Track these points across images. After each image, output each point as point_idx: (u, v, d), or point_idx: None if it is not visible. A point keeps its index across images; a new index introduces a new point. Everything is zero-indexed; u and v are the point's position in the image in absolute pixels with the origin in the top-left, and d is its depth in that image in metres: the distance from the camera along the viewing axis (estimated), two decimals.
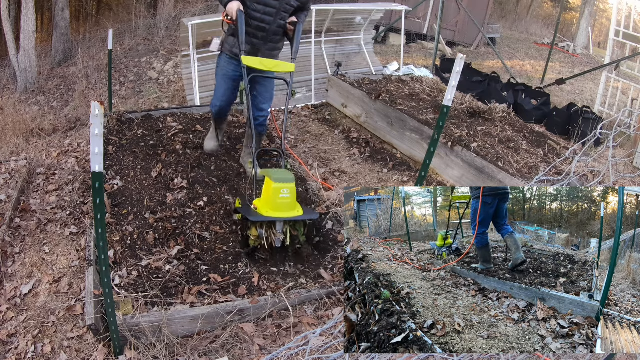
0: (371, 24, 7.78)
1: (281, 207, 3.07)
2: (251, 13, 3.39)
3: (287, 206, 3.09)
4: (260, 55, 3.58)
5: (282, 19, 3.49)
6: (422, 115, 4.86)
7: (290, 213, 3.09)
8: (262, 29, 3.48)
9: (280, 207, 3.07)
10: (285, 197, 3.07)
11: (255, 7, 3.39)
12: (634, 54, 7.92)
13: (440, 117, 2.77)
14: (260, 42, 3.54)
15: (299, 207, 3.18)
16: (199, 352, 2.54)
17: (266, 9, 3.42)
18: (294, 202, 3.14)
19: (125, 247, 3.22)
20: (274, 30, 3.52)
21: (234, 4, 3.26)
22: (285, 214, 3.07)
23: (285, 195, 3.07)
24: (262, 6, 3.41)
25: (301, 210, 3.15)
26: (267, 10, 3.42)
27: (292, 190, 3.09)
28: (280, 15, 3.46)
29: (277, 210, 3.06)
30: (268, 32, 3.51)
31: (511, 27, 15.34)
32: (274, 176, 3.10)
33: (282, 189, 3.06)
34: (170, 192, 3.82)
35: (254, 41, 3.51)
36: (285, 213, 3.07)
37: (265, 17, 3.44)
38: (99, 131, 1.89)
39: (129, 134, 4.70)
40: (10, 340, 2.75)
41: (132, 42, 9.37)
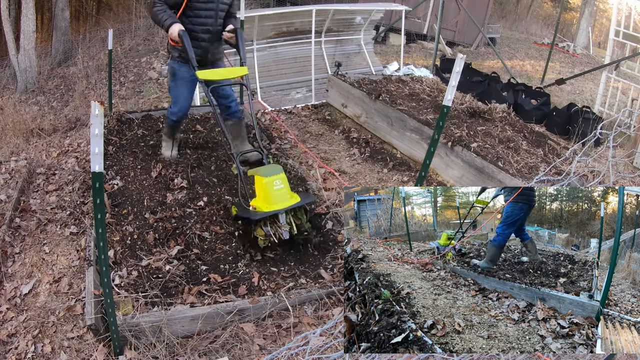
0: (371, 24, 7.79)
1: (278, 198, 3.13)
2: (194, 19, 3.61)
3: (284, 196, 3.15)
4: (209, 55, 3.82)
5: (220, 17, 3.73)
6: (422, 115, 4.86)
7: (289, 202, 3.16)
8: (207, 31, 3.70)
9: (277, 199, 3.12)
10: (279, 189, 3.13)
11: (197, 12, 3.60)
12: (634, 54, 7.92)
13: (440, 117, 2.77)
14: (207, 43, 3.76)
15: (295, 195, 3.24)
16: (199, 352, 2.54)
17: (207, 12, 3.65)
18: (289, 191, 3.20)
19: (125, 247, 3.22)
20: (217, 29, 3.75)
21: (175, 27, 3.43)
22: (284, 204, 3.13)
23: (279, 187, 3.14)
24: (204, 11, 3.63)
25: (298, 198, 3.21)
26: (208, 13, 3.65)
27: (283, 180, 3.16)
28: (219, 14, 3.70)
29: (276, 203, 3.11)
30: (212, 32, 3.73)
31: (511, 27, 15.34)
32: (262, 172, 3.18)
33: (274, 181, 3.13)
34: (170, 192, 3.82)
35: (202, 44, 3.73)
36: (284, 203, 3.13)
37: (207, 20, 3.67)
38: (99, 131, 1.89)
39: (129, 134, 4.70)
40: (10, 340, 2.75)
41: (132, 42, 9.37)
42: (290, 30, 6.82)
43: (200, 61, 3.69)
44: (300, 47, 7.01)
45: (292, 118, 5.80)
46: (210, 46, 3.78)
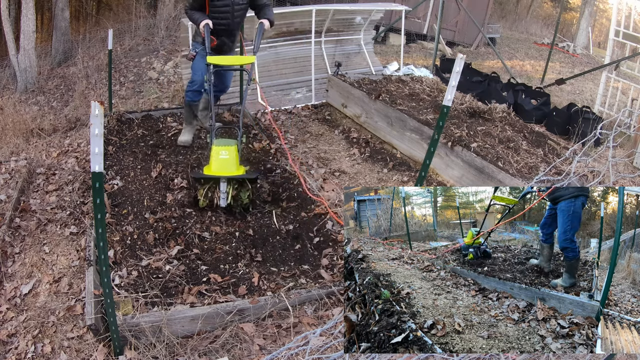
0: (371, 24, 7.78)
1: (220, 166, 3.36)
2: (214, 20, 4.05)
3: (227, 165, 3.36)
4: (225, 47, 4.28)
5: (237, 17, 4.18)
6: (422, 115, 4.85)
7: (229, 172, 3.36)
8: (223, 30, 4.15)
9: (219, 166, 3.36)
10: (224, 158, 3.36)
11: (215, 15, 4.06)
12: (634, 54, 7.92)
13: (440, 117, 2.77)
14: (224, 38, 4.21)
15: (241, 168, 3.44)
16: (199, 352, 2.54)
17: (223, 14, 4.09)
18: (234, 164, 3.41)
19: (125, 247, 3.22)
20: (234, 25, 4.21)
21: (202, 22, 3.97)
22: (223, 172, 3.36)
23: (224, 156, 3.36)
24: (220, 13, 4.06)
25: (243, 171, 3.43)
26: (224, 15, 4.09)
27: (231, 152, 3.38)
28: (235, 14, 4.13)
29: (216, 169, 3.36)
30: (228, 30, 4.19)
31: (511, 27, 15.34)
32: (217, 142, 3.47)
33: (221, 151, 3.37)
34: (170, 192, 3.82)
35: (220, 39, 4.16)
36: (222, 171, 3.36)
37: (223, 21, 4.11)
38: (99, 131, 1.89)
39: (129, 134, 4.71)
40: (10, 340, 2.75)
41: (132, 42, 9.37)
42: (290, 30, 6.81)
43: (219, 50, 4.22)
44: (300, 47, 7.00)
45: (292, 118, 5.80)
46: (227, 39, 4.25)
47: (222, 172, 3.37)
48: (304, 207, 3.73)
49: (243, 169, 3.49)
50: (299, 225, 3.56)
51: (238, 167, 3.45)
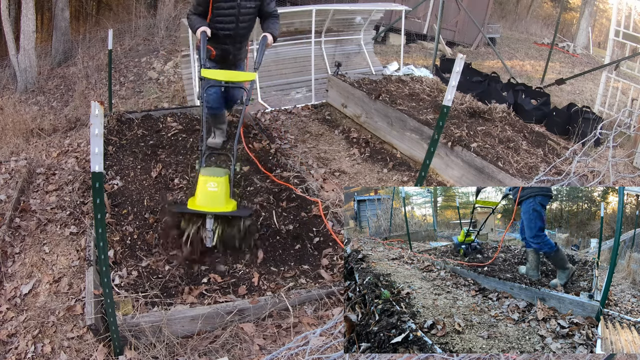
0: (371, 24, 7.79)
1: (207, 200, 2.87)
2: (217, 25, 3.78)
3: (215, 199, 2.88)
4: (231, 56, 3.99)
5: (243, 22, 3.86)
6: (422, 115, 4.86)
7: (216, 207, 2.88)
8: (228, 35, 3.87)
9: (205, 200, 2.87)
10: (213, 190, 2.89)
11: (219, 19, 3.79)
12: (634, 54, 7.92)
13: (440, 117, 2.77)
14: (228, 46, 3.94)
15: (233, 204, 2.98)
16: (199, 352, 2.54)
17: (228, 18, 3.79)
18: (223, 197, 2.93)
19: (125, 247, 3.22)
20: (240, 33, 3.91)
21: (199, 30, 3.69)
22: (209, 207, 2.86)
23: (213, 189, 2.89)
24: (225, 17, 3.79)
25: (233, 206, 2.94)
26: (229, 20, 3.80)
27: (221, 184, 2.91)
28: (240, 19, 3.83)
29: (202, 203, 2.87)
30: (233, 36, 3.89)
31: (511, 27, 15.34)
32: (205, 171, 2.98)
33: (209, 182, 2.90)
34: (170, 192, 3.82)
35: (223, 47, 3.91)
36: (209, 207, 2.86)
37: (228, 25, 3.82)
38: (99, 131, 1.89)
39: (129, 134, 4.71)
40: (10, 340, 2.75)
41: (132, 42, 9.37)
42: (290, 30, 6.82)
43: (222, 60, 3.98)
44: (300, 47, 7.01)
45: (292, 118, 5.80)
46: (232, 48, 3.95)
47: (206, 208, 2.87)
48: (304, 207, 3.73)
49: (234, 203, 3.02)
50: (299, 225, 3.56)
51: (228, 202, 2.98)
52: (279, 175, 4.17)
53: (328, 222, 3.55)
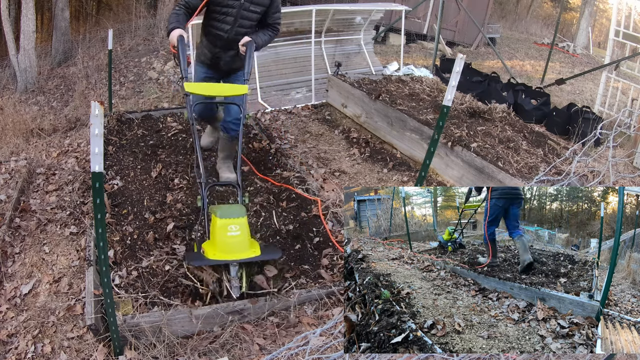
0: (371, 24, 7.79)
1: (230, 247, 2.60)
2: (213, 22, 3.39)
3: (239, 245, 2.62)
4: (222, 63, 3.56)
5: (242, 26, 3.40)
6: (422, 115, 4.86)
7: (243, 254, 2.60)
8: (220, 37, 3.44)
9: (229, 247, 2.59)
10: (234, 235, 2.61)
11: (215, 16, 3.38)
12: (634, 54, 7.92)
13: (440, 117, 2.77)
14: (219, 50, 3.51)
15: (256, 245, 2.69)
16: (199, 352, 2.54)
17: (224, 16, 3.37)
18: (246, 240, 2.67)
19: (125, 247, 3.22)
20: (233, 38, 3.43)
21: (174, 33, 3.20)
22: (236, 255, 2.59)
23: (234, 233, 2.61)
24: (220, 15, 3.36)
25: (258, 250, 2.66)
26: (224, 19, 3.37)
27: (243, 226, 2.65)
28: (239, 22, 3.38)
29: (225, 251, 2.58)
30: (227, 40, 3.44)
31: (511, 27, 15.34)
32: (220, 211, 2.67)
33: (229, 225, 2.61)
34: (170, 192, 3.82)
35: (214, 50, 3.51)
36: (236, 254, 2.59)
37: (223, 26, 3.40)
38: (99, 131, 1.89)
39: (129, 134, 4.71)
40: (10, 340, 2.75)
41: (132, 42, 9.37)
42: (290, 30, 6.82)
43: (213, 67, 3.60)
44: (300, 47, 7.01)
45: (292, 118, 5.80)
46: (224, 54, 3.51)
47: (232, 255, 2.58)
48: (304, 207, 3.73)
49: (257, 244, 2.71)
50: (299, 225, 3.56)
51: (253, 243, 2.70)
52: (279, 175, 4.17)
53: (327, 222, 3.55)
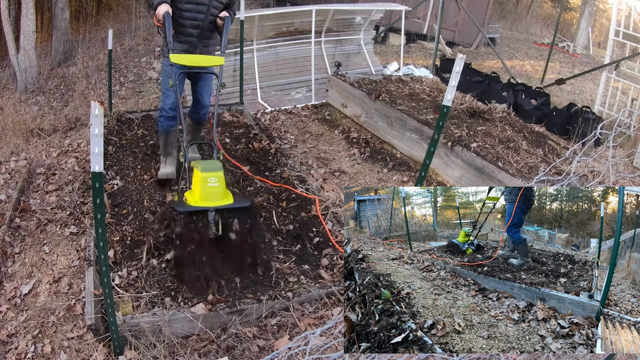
0: (371, 24, 7.79)
1: (210, 196, 3.01)
2: (184, 13, 3.54)
3: (216, 195, 3.03)
4: (197, 51, 3.73)
5: (212, 15, 3.63)
6: (422, 115, 4.86)
7: (220, 202, 3.03)
8: (195, 27, 3.62)
9: (208, 196, 3.01)
10: (213, 186, 3.01)
11: (188, 7, 3.54)
12: (634, 54, 7.92)
13: (440, 117, 2.77)
14: (195, 39, 3.68)
15: (229, 195, 3.11)
16: (199, 352, 2.54)
17: (198, 6, 3.56)
18: (223, 191, 3.07)
19: (125, 247, 3.22)
20: (207, 26, 3.65)
21: (162, 7, 3.34)
22: (214, 202, 3.01)
23: (213, 184, 3.01)
24: (194, 5, 3.55)
25: (232, 199, 3.08)
26: (198, 8, 3.56)
27: (220, 178, 3.05)
28: (211, 11, 3.60)
29: (205, 199, 3.00)
30: (202, 28, 3.64)
31: (511, 27, 15.34)
32: (201, 166, 3.06)
33: (209, 178, 3.01)
34: (170, 192, 3.82)
35: (189, 39, 3.66)
36: (214, 202, 3.01)
37: (197, 15, 3.58)
38: (99, 131, 1.89)
39: (129, 134, 4.71)
40: (10, 340, 2.75)
41: (132, 42, 9.37)
42: (290, 30, 6.82)
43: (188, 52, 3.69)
44: (300, 47, 7.01)
45: (292, 118, 5.80)
46: (199, 42, 3.69)
47: (211, 203, 3.00)
48: (304, 207, 3.73)
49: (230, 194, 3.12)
50: (299, 225, 3.56)
51: (227, 193, 3.11)
52: (278, 175, 4.17)
53: (327, 223, 3.55)
